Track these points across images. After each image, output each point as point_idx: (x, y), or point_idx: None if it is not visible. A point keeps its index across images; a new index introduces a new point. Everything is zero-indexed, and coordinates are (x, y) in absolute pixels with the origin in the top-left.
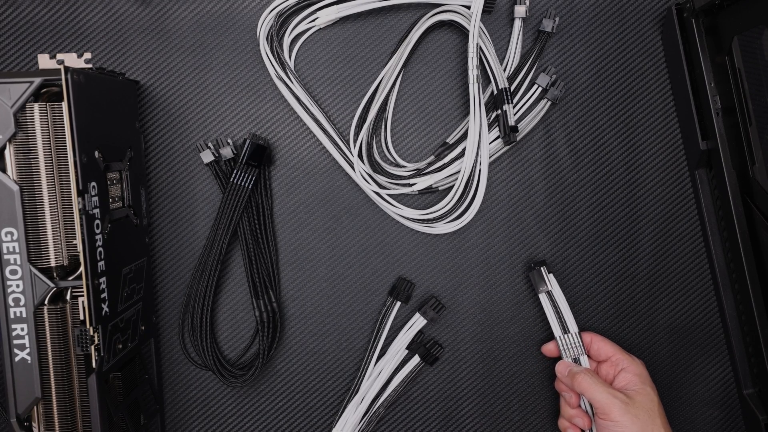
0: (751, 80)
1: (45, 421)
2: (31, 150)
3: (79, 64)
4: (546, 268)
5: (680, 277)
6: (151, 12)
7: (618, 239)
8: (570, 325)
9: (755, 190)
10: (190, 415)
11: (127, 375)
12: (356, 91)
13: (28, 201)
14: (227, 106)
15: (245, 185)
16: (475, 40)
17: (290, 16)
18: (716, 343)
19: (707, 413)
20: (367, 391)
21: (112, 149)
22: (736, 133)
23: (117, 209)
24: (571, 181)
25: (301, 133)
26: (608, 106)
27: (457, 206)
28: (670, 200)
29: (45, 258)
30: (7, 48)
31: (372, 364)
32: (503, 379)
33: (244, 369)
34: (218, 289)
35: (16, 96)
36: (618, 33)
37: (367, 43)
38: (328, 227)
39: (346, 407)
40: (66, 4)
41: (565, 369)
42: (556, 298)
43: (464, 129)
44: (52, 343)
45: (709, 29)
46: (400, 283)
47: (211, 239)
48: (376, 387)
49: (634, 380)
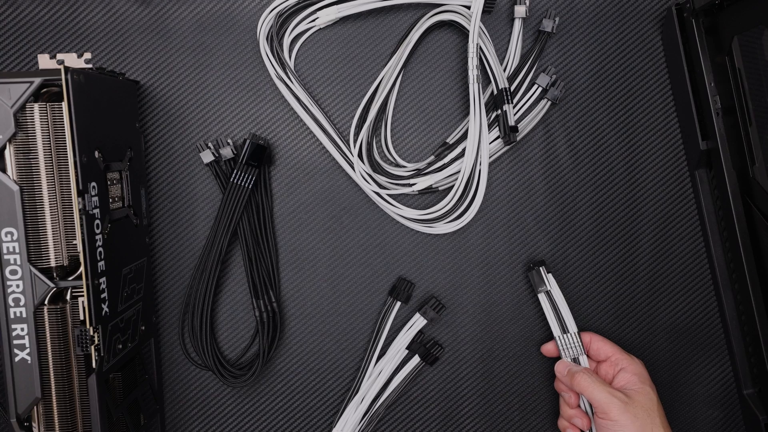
0: (751, 80)
1: (45, 421)
2: (31, 150)
3: (79, 64)
4: (545, 268)
5: (680, 277)
6: (151, 12)
7: (618, 239)
8: (569, 325)
9: (755, 190)
10: (190, 415)
11: (127, 375)
12: (356, 91)
13: (28, 201)
14: (227, 106)
15: (245, 185)
16: (475, 40)
17: (290, 16)
18: (716, 343)
19: (707, 413)
20: (367, 391)
21: (112, 149)
22: (736, 133)
23: (117, 209)
24: (571, 181)
25: (301, 133)
26: (608, 106)
27: (457, 206)
28: (670, 200)
29: (45, 258)
30: (7, 48)
31: (372, 364)
32: (503, 379)
33: (244, 369)
34: (218, 289)
35: (16, 96)
36: (618, 33)
37: (367, 43)
38: (328, 227)
39: (346, 407)
40: (66, 4)
41: (564, 369)
42: (554, 298)
43: (464, 129)
44: (52, 343)
45: (709, 29)
46: (400, 283)
47: (211, 239)
48: (377, 387)
49: (634, 380)
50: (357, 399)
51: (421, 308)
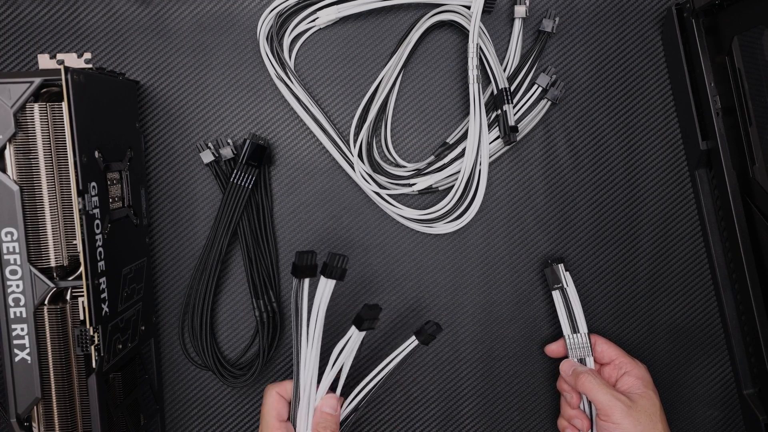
0: (751, 80)
1: (45, 421)
2: (31, 150)
3: (79, 64)
4: (564, 266)
5: (680, 277)
6: (151, 12)
7: (618, 239)
8: (580, 325)
9: (755, 190)
10: (190, 415)
11: (127, 375)
12: (356, 91)
13: (28, 201)
14: (227, 106)
15: (245, 185)
16: (475, 40)
17: (290, 16)
18: (716, 343)
19: (707, 413)
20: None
21: (112, 149)
22: (736, 133)
23: (117, 209)
24: (571, 181)
25: (301, 133)
26: (608, 106)
27: (457, 206)
28: (670, 200)
29: (45, 258)
30: (7, 48)
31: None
32: (503, 379)
33: (244, 369)
34: (218, 289)
35: (16, 96)
36: (618, 33)
37: (367, 43)
38: (328, 227)
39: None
40: (66, 4)
41: (569, 368)
42: (570, 296)
43: (464, 129)
44: (52, 343)
45: (709, 29)
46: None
47: (211, 239)
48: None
49: (637, 383)
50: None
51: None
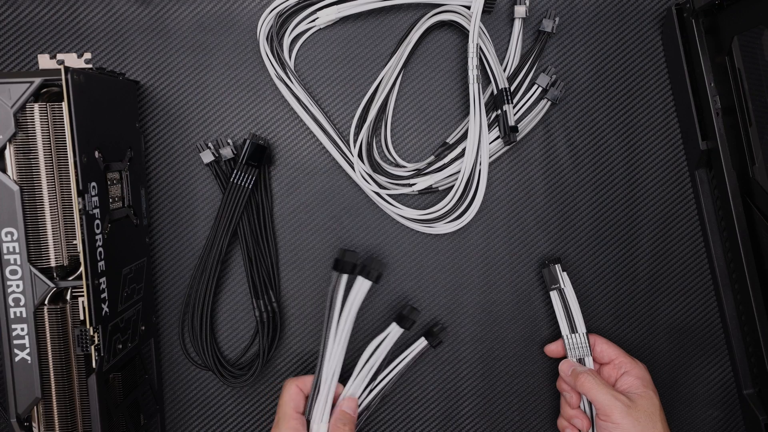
0: (751, 80)
1: (45, 421)
2: (31, 150)
3: (79, 64)
4: (560, 266)
5: (680, 277)
6: (151, 12)
7: (618, 239)
8: (578, 325)
9: (755, 190)
10: (190, 415)
11: (127, 375)
12: (356, 91)
13: (28, 201)
14: (227, 106)
15: (245, 185)
16: (475, 40)
17: (290, 17)
18: (716, 343)
19: (707, 413)
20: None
21: (112, 149)
22: (736, 133)
23: (117, 209)
24: (571, 181)
25: (301, 133)
26: (608, 106)
27: (457, 206)
28: (670, 200)
29: (45, 258)
30: (7, 48)
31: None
32: (503, 379)
33: (244, 369)
34: (218, 289)
35: (16, 96)
36: (618, 33)
37: (367, 43)
38: (328, 227)
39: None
40: (66, 4)
41: (568, 368)
42: (567, 296)
43: (464, 129)
44: (52, 343)
45: (709, 29)
46: (342, 254)
47: (211, 239)
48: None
49: (637, 383)
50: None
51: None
